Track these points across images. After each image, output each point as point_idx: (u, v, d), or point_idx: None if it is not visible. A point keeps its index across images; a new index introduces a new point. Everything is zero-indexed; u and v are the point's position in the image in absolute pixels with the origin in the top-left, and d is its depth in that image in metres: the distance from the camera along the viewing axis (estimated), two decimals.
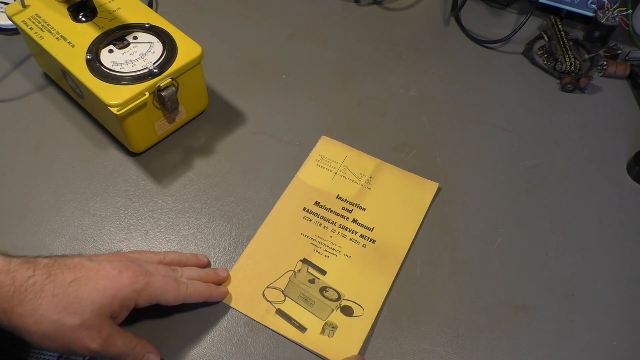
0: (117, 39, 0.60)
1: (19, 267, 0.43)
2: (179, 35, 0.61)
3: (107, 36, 0.60)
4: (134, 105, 0.55)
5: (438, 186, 0.61)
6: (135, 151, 0.62)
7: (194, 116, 0.65)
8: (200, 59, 0.60)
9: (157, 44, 0.60)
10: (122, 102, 0.55)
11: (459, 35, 0.78)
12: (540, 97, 0.71)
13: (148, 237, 0.57)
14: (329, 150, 0.63)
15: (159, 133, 0.62)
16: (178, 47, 0.60)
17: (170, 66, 0.58)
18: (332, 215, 0.58)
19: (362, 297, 0.52)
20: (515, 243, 0.58)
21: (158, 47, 0.60)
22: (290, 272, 0.54)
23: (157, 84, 0.57)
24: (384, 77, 0.72)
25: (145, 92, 0.56)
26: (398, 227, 0.57)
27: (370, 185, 0.60)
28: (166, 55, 0.59)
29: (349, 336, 0.50)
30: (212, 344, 0.50)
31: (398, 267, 0.55)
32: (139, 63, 0.58)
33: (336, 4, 0.81)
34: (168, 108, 0.59)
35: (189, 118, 0.65)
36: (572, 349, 0.51)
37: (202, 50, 0.60)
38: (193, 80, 0.61)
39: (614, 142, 0.67)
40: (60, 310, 0.43)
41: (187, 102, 0.62)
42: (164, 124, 0.61)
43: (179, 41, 0.60)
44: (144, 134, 0.61)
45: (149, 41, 0.60)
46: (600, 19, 0.73)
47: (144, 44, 0.60)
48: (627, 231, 0.59)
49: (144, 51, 0.59)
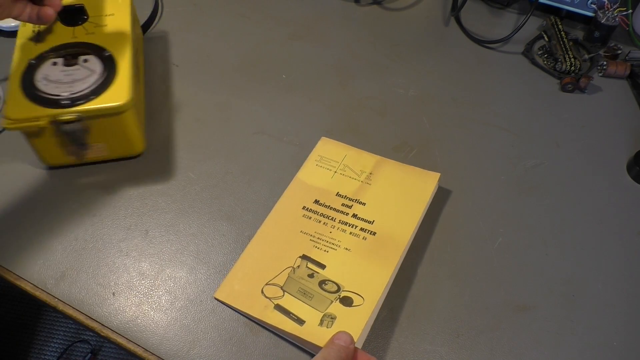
0: (73, 54, 0.58)
1: None
2: (124, 76, 0.57)
3: (67, 47, 0.59)
4: (27, 127, 0.53)
5: (440, 176, 0.60)
6: (47, 165, 0.60)
7: (122, 157, 0.61)
8: (122, 108, 0.55)
9: (96, 76, 0.56)
10: (15, 119, 0.53)
11: (459, 35, 0.78)
12: (540, 97, 0.71)
13: (148, 237, 0.57)
14: (329, 151, 0.63)
15: (72, 158, 0.59)
16: (111, 88, 0.55)
17: (84, 104, 0.54)
18: (332, 212, 0.58)
19: (362, 287, 0.52)
20: (515, 243, 0.58)
21: (92, 80, 0.56)
22: (290, 268, 0.54)
23: (60, 116, 0.53)
24: (384, 77, 0.72)
25: (43, 118, 0.53)
26: (399, 217, 0.57)
27: (370, 180, 0.60)
28: (92, 90, 0.55)
29: (347, 325, 0.49)
30: (212, 344, 0.50)
31: (399, 255, 0.54)
32: (65, 87, 0.55)
33: (336, 4, 0.81)
34: (71, 143, 0.56)
35: (113, 157, 0.61)
36: (572, 349, 0.51)
37: (126, 101, 0.55)
38: (116, 126, 0.57)
39: (613, 142, 0.67)
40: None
41: (110, 144, 0.59)
42: (77, 153, 0.58)
43: (119, 82, 0.56)
44: (52, 154, 0.58)
45: (93, 70, 0.57)
46: (600, 19, 0.73)
47: (86, 70, 0.57)
48: (627, 231, 0.59)
49: (79, 77, 0.56)
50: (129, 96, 0.55)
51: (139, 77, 0.65)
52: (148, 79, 0.70)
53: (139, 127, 0.60)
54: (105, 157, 0.61)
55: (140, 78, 0.66)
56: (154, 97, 0.68)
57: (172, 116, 0.67)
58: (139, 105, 0.62)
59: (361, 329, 0.49)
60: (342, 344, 0.46)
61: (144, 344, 0.50)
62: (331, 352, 0.45)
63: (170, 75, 0.71)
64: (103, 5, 0.64)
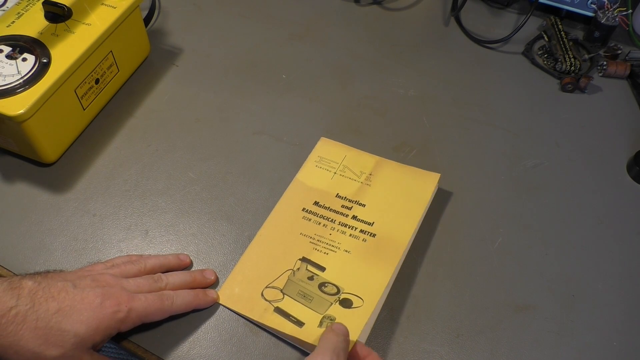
0: (22, 48, 0.58)
1: (2, 294, 0.43)
2: (40, 88, 0.55)
3: (21, 41, 0.58)
4: None
5: (440, 176, 0.60)
6: None
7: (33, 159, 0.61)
8: (16, 119, 0.54)
9: (16, 78, 0.55)
10: None
11: (459, 35, 0.78)
12: (540, 97, 0.71)
13: (148, 237, 0.57)
14: (328, 151, 0.63)
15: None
16: (16, 95, 0.54)
17: None
18: (332, 214, 0.58)
19: (362, 289, 0.52)
20: (515, 243, 0.58)
21: (11, 80, 0.55)
22: (290, 271, 0.54)
23: None
24: (384, 77, 0.72)
25: None
26: (399, 218, 0.57)
27: (370, 181, 0.60)
28: (2, 91, 0.54)
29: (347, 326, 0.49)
30: (212, 344, 0.50)
31: (399, 256, 0.54)
32: None
33: (336, 4, 0.81)
34: None
35: (24, 155, 0.61)
36: (572, 349, 0.51)
37: (18, 114, 0.53)
38: (17, 132, 0.56)
39: (613, 142, 0.67)
40: (41, 343, 0.42)
41: (18, 143, 0.59)
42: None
43: (30, 92, 0.55)
44: None
45: (19, 71, 0.56)
46: (600, 19, 0.73)
47: (14, 69, 0.56)
48: (627, 231, 0.59)
49: (4, 73, 0.56)
50: (24, 110, 0.54)
51: (101, 88, 0.65)
52: (148, 79, 0.70)
53: (50, 139, 0.59)
54: (16, 151, 0.61)
55: (109, 87, 0.66)
56: (154, 97, 0.68)
57: (172, 116, 0.67)
58: (63, 119, 0.60)
59: (360, 330, 0.49)
60: (343, 333, 0.46)
61: (144, 343, 0.50)
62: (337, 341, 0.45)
63: (170, 75, 0.71)
64: (87, 13, 0.63)
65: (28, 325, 0.42)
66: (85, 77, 0.61)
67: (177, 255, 0.54)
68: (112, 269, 0.50)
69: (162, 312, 0.48)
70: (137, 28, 0.68)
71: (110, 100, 0.68)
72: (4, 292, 0.43)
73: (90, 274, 0.48)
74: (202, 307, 0.51)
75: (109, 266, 0.50)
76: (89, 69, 0.61)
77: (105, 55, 0.63)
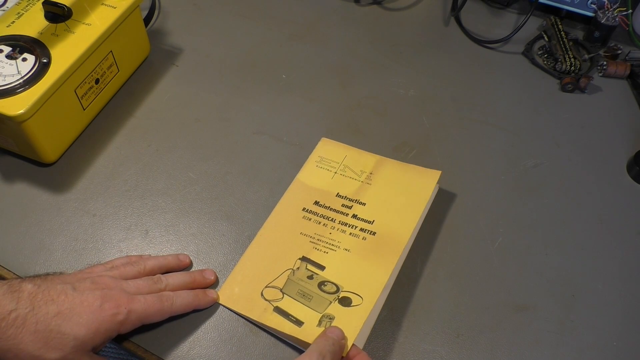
0: (22, 48, 0.58)
1: (2, 298, 0.42)
2: (39, 88, 0.55)
3: (25, 41, 0.58)
4: None
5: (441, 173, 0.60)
6: None
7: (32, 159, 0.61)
8: (16, 119, 0.54)
9: (16, 78, 0.55)
10: None
11: (459, 35, 0.78)
12: (540, 97, 0.71)
13: (148, 237, 0.57)
14: (329, 151, 0.63)
15: None
16: (17, 95, 0.54)
17: None
18: (332, 213, 0.58)
19: (361, 287, 0.52)
20: (515, 243, 0.58)
21: (11, 80, 0.55)
22: (289, 270, 0.54)
23: None
24: (384, 77, 0.72)
25: None
26: (399, 216, 0.57)
27: (371, 180, 0.60)
28: (2, 91, 0.54)
29: (346, 325, 0.49)
30: (212, 344, 0.50)
31: (399, 254, 0.54)
32: None
33: (336, 4, 0.81)
34: None
35: (23, 155, 0.61)
36: (572, 349, 0.51)
37: (18, 114, 0.53)
38: (17, 132, 0.56)
39: (613, 142, 0.67)
40: (41, 346, 0.42)
41: (17, 143, 0.59)
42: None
43: (30, 92, 0.55)
44: None
45: (19, 71, 0.56)
46: (600, 19, 0.73)
47: (15, 69, 0.56)
48: (627, 231, 0.59)
49: (4, 73, 0.56)
50: (24, 110, 0.54)
51: (101, 88, 0.64)
52: (148, 79, 0.70)
53: (49, 139, 0.59)
54: (16, 151, 0.61)
55: (111, 88, 0.66)
56: (154, 97, 0.68)
57: (172, 116, 0.67)
58: (62, 119, 0.60)
59: (359, 328, 0.49)
60: (335, 337, 0.46)
61: (144, 343, 0.50)
62: (325, 345, 0.45)
63: (170, 75, 0.71)
64: (87, 13, 0.63)
65: (28, 329, 0.42)
66: (85, 77, 0.61)
67: (176, 255, 0.54)
68: (111, 271, 0.50)
69: (162, 313, 0.48)
70: (137, 28, 0.68)
71: (110, 100, 0.68)
72: (4, 295, 0.43)
73: (89, 276, 0.48)
74: (202, 308, 0.51)
75: (108, 268, 0.50)
76: (89, 69, 0.61)
77: (105, 55, 0.63)
